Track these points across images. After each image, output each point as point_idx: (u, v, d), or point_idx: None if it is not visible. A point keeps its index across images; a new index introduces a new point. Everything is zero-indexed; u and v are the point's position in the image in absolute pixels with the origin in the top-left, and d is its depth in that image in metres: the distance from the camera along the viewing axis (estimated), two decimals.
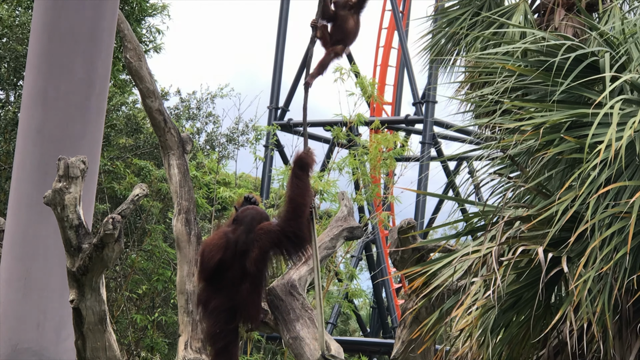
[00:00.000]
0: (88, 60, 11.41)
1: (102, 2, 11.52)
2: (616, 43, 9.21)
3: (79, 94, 11.40)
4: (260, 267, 10.32)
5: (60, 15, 11.43)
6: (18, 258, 11.19)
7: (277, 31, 34.42)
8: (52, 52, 11.40)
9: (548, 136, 8.67)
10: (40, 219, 10.69)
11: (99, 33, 11.51)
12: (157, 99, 13.54)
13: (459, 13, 15.30)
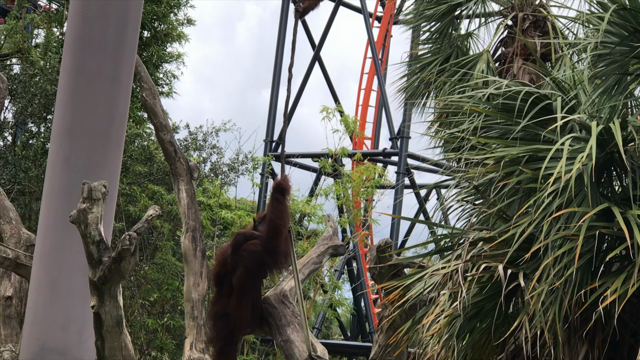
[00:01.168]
0: (109, 98, 11.39)
1: (122, 49, 11.52)
2: (567, 88, 9.21)
3: (101, 127, 11.38)
4: (244, 284, 10.50)
5: (85, 59, 11.43)
6: (46, 269, 11.16)
7: (272, 74, 34.41)
8: (78, 91, 11.38)
9: (508, 168, 8.66)
10: (66, 235, 10.65)
11: (119, 75, 11.50)
12: (169, 132, 13.53)
13: (430, 60, 15.31)
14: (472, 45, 15.45)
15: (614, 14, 8.86)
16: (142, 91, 13.73)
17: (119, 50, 11.52)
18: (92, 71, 11.39)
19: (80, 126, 11.34)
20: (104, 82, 11.40)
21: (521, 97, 8.85)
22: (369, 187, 27.68)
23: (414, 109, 15.89)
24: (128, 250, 9.31)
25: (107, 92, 11.44)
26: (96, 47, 11.45)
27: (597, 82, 9.16)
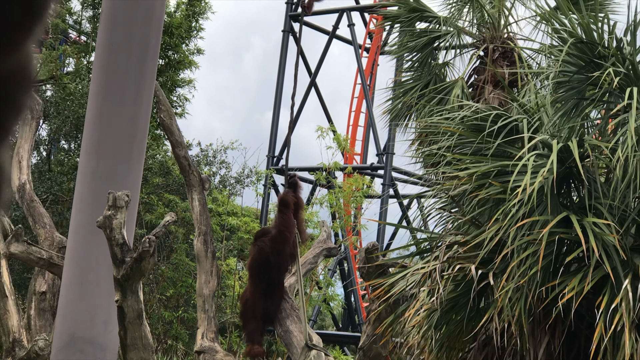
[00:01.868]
0: (131, 118, 11.40)
1: (142, 75, 11.53)
2: (532, 112, 9.23)
3: (124, 144, 11.38)
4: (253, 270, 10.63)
5: (111, 84, 11.45)
6: (76, 267, 11.15)
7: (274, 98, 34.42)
8: (104, 112, 11.40)
9: (479, 181, 8.67)
10: (93, 238, 10.65)
11: (140, 98, 11.52)
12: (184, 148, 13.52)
13: (411, 86, 15.32)
14: (449, 73, 15.47)
15: (572, 46, 8.88)
16: (160, 112, 13.72)
17: (140, 76, 11.54)
18: (117, 95, 11.40)
19: (106, 143, 11.35)
20: (127, 104, 11.42)
21: (491, 118, 8.87)
22: (358, 197, 27.71)
23: (397, 129, 15.91)
24: (148, 251, 9.32)
25: (129, 113, 11.45)
26: (120, 73, 11.46)
27: (558, 106, 9.18)
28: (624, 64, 8.70)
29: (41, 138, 26.80)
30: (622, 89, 8.64)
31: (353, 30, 34.78)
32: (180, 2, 28.35)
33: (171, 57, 27.66)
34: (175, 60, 27.66)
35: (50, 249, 14.07)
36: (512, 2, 15.51)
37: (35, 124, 15.62)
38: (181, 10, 28.25)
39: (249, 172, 29.69)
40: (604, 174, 8.83)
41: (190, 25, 28.17)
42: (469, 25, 15.65)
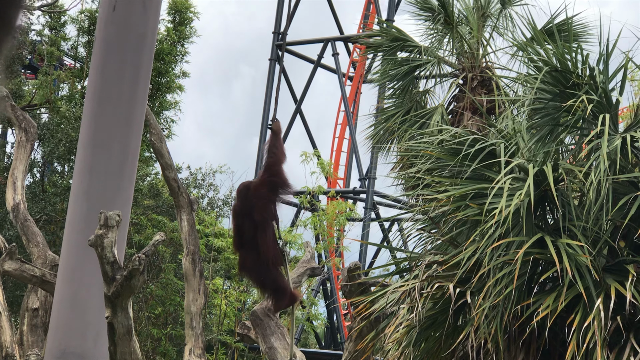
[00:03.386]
0: (123, 141, 11.39)
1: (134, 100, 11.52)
2: (508, 137, 9.26)
3: (115, 166, 11.36)
4: (264, 214, 10.10)
5: (103, 108, 11.43)
6: (68, 284, 11.11)
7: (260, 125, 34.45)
8: (97, 135, 11.38)
9: (457, 203, 8.69)
10: (85, 256, 10.61)
11: (131, 122, 11.51)
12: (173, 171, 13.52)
13: (393, 112, 15.36)
14: (429, 100, 15.52)
15: (547, 75, 8.92)
16: (151, 136, 13.73)
17: (132, 100, 11.53)
18: (109, 118, 11.39)
19: (98, 165, 11.32)
20: (119, 128, 11.40)
21: (469, 142, 8.90)
22: (341, 219, 27.73)
23: (379, 154, 15.92)
24: (138, 269, 9.29)
25: (121, 136, 11.43)
26: (113, 98, 11.46)
27: (533, 132, 9.21)
28: (596, 91, 8.74)
29: (35, 160, 26.75)
30: (595, 115, 8.68)
31: (337, 59, 34.89)
32: (168, 29, 28.39)
33: (161, 83, 27.69)
34: (164, 85, 27.69)
35: (43, 266, 14.02)
36: (490, 33, 15.59)
37: (30, 146, 15.59)
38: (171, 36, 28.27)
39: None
40: (578, 197, 8.86)
41: (176, 50, 28.22)
42: (448, 55, 15.72)
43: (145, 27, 11.66)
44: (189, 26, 28.60)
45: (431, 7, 15.62)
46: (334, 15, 37.61)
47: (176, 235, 24.89)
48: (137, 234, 25.84)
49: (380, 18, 31.54)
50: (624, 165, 8.51)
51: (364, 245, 29.55)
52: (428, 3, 15.66)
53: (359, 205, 33.44)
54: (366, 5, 37.26)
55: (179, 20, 28.49)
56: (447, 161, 9.07)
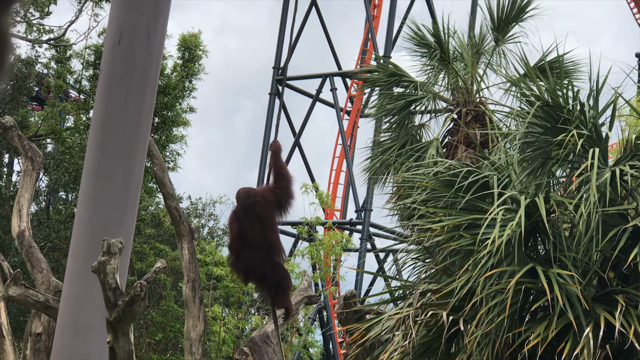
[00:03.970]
0: (127, 171, 11.40)
1: (138, 131, 11.55)
2: (501, 169, 9.28)
3: (119, 195, 11.37)
4: (268, 211, 9.35)
5: (108, 139, 11.46)
6: (70, 310, 11.09)
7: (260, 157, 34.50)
8: (101, 165, 11.39)
9: (451, 233, 8.70)
10: (88, 282, 10.61)
11: (135, 152, 11.53)
12: (175, 200, 13.53)
13: (389, 145, 15.37)
14: (425, 134, 15.54)
15: (539, 109, 8.96)
16: (154, 166, 13.76)
17: (136, 132, 11.56)
18: (113, 149, 11.41)
19: (102, 193, 11.33)
20: (123, 158, 11.42)
21: (463, 174, 8.92)
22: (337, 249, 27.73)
23: (375, 186, 15.93)
24: (139, 295, 9.27)
25: (124, 166, 11.45)
26: (117, 129, 11.48)
27: (525, 165, 9.23)
28: (587, 126, 8.77)
29: (41, 189, 26.78)
30: (585, 149, 8.71)
31: (335, 94, 34.97)
32: (176, 65, 28.49)
33: (167, 116, 27.76)
34: (169, 119, 27.76)
35: (46, 292, 14.01)
36: (484, 70, 15.64)
37: (35, 175, 15.60)
38: (177, 72, 28.38)
39: None
40: (568, 228, 8.87)
41: (184, 86, 28.32)
42: (444, 90, 15.76)
43: (149, 61, 11.71)
44: (197, 63, 28.70)
45: (427, 44, 15.68)
46: (333, 51, 37.74)
47: (177, 263, 24.87)
48: (139, 262, 25.81)
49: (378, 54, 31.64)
50: (613, 197, 8.53)
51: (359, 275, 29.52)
52: (424, 40, 15.72)
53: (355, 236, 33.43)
54: (364, 41, 37.40)
55: (188, 57, 28.58)
56: (442, 192, 9.09)
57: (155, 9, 11.63)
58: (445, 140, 15.38)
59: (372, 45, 35.10)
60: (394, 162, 14.89)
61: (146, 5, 11.59)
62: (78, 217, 11.61)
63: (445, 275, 9.03)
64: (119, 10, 11.67)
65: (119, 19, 11.63)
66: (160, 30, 11.75)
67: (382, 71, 15.78)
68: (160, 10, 11.70)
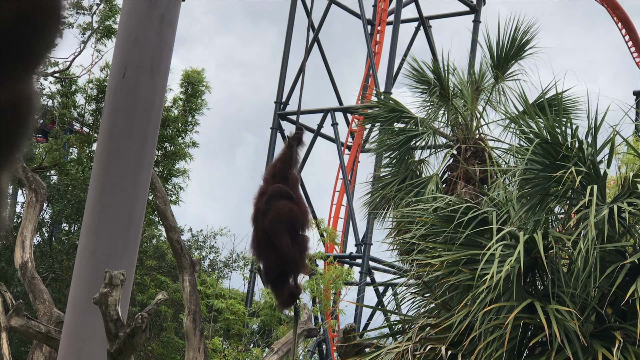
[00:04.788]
0: (128, 203, 11.41)
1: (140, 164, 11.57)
2: (500, 205, 9.29)
3: (121, 227, 11.37)
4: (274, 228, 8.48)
5: (111, 171, 11.47)
6: (72, 341, 11.07)
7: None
8: (104, 198, 11.40)
9: (450, 268, 8.70)
10: (90, 313, 10.58)
11: (137, 185, 11.54)
12: (177, 233, 13.52)
13: (389, 180, 15.38)
14: (424, 169, 15.55)
15: (538, 146, 8.97)
16: (156, 198, 13.76)
17: (138, 165, 11.57)
18: (116, 181, 11.42)
19: (105, 225, 11.33)
20: (125, 190, 11.43)
21: (462, 210, 8.92)
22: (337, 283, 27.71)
23: (375, 220, 15.91)
24: (140, 327, 9.26)
25: (127, 198, 11.45)
26: (120, 161, 11.50)
27: (524, 201, 9.24)
28: (585, 163, 8.78)
29: (44, 220, 26.78)
30: (583, 186, 8.71)
31: (336, 129, 35.03)
32: (177, 98, 28.60)
33: (167, 149, 27.82)
34: (171, 152, 27.80)
35: (48, 323, 13.98)
36: (483, 106, 15.68)
37: (39, 206, 15.62)
38: (177, 106, 28.48)
39: (237, 257, 29.68)
40: (567, 264, 8.86)
41: (186, 120, 28.40)
42: (443, 126, 15.79)
43: (153, 95, 11.74)
44: (200, 98, 28.81)
45: (427, 80, 15.73)
46: (334, 87, 37.84)
47: (178, 295, 24.81)
48: (140, 294, 25.76)
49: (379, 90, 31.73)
50: (611, 234, 8.53)
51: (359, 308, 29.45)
52: (424, 77, 15.77)
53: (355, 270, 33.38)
54: (365, 77, 37.51)
55: (191, 92, 28.70)
56: (441, 228, 9.09)
57: (159, 44, 11.67)
58: (445, 175, 15.38)
59: (373, 81, 35.20)
60: (394, 197, 14.88)
61: (150, 40, 11.64)
62: (81, 249, 11.60)
63: (444, 310, 9.01)
64: (124, 44, 11.72)
65: (123, 53, 11.67)
66: (164, 65, 11.79)
67: (383, 107, 15.82)
68: (165, 45, 11.74)
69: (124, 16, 11.98)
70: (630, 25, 42.10)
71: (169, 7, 11.73)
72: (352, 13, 36.88)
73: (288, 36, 35.79)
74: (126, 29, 11.79)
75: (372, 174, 16.98)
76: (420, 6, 35.47)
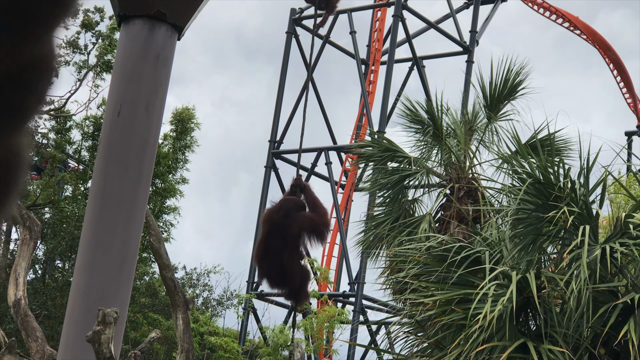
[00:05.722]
0: (122, 241, 11.38)
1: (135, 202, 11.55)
2: (493, 245, 9.29)
3: (115, 265, 11.34)
4: (297, 241, 9.25)
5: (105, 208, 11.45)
6: None
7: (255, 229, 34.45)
8: (98, 234, 11.37)
9: (443, 307, 8.68)
10: (82, 352, 10.52)
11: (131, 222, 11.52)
12: (170, 271, 13.49)
13: (383, 219, 15.37)
14: (418, 208, 15.56)
15: (530, 186, 8.99)
16: (150, 237, 13.74)
17: (133, 202, 11.56)
18: (110, 218, 11.39)
19: (98, 263, 11.30)
20: (120, 228, 11.41)
21: (455, 249, 8.92)
22: (331, 322, 27.63)
23: (369, 259, 15.89)
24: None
25: (121, 236, 11.43)
26: (114, 199, 11.48)
27: (517, 241, 9.24)
28: (577, 204, 8.80)
29: (38, 257, 26.71)
30: (576, 226, 8.72)
31: (330, 168, 35.05)
32: (167, 135, 28.69)
33: (158, 186, 27.86)
34: (162, 189, 27.82)
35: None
36: (476, 146, 15.72)
37: (33, 244, 15.56)
38: (168, 143, 28.56)
39: (230, 295, 29.63)
40: (559, 304, 8.85)
41: (177, 157, 28.47)
42: (437, 166, 15.82)
43: (147, 133, 11.74)
44: (189, 136, 28.91)
45: (421, 120, 15.78)
46: (328, 126, 37.91)
47: (171, 333, 24.72)
48: (133, 331, 25.65)
49: (372, 129, 31.81)
50: (603, 274, 8.53)
51: (352, 347, 29.35)
52: (418, 116, 15.82)
53: (348, 309, 33.30)
54: (359, 116, 37.61)
55: (181, 129, 28.80)
56: (434, 267, 9.08)
57: (154, 83, 11.68)
58: (438, 215, 15.39)
59: (367, 120, 35.29)
60: (387, 235, 14.87)
61: (146, 78, 11.66)
62: (74, 286, 11.56)
63: (437, 349, 8.98)
64: (119, 82, 11.73)
65: (118, 91, 11.68)
66: (159, 103, 11.79)
67: (377, 146, 15.85)
68: (160, 83, 11.75)
69: (120, 54, 12.00)
70: (621, 67, 42.33)
71: (164, 45, 11.73)
72: (347, 53, 37.04)
73: (282, 75, 35.91)
74: (121, 67, 11.81)
75: (366, 213, 16.99)
76: (414, 46, 35.61)
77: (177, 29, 7.66)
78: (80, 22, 29.67)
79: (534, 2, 41.65)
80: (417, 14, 34.90)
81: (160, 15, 8.18)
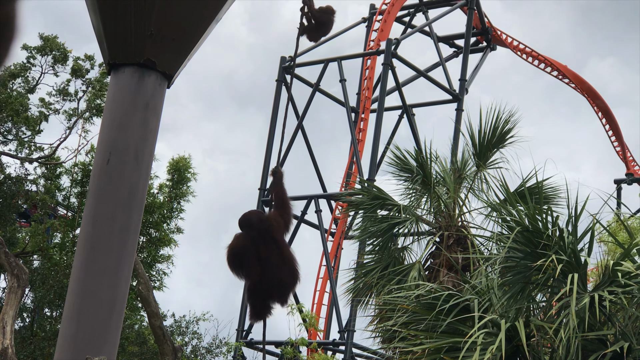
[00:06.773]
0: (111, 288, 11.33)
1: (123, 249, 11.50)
2: (482, 293, 9.29)
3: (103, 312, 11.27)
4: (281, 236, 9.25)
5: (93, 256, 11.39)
6: None
7: None
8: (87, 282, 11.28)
9: (432, 356, 8.66)
10: None
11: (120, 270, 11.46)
12: (159, 319, 13.44)
13: (372, 267, 15.36)
14: (407, 256, 15.55)
15: (519, 234, 9.01)
16: (139, 284, 13.70)
17: (121, 251, 11.51)
18: (99, 266, 11.33)
19: (87, 311, 11.23)
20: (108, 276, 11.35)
21: (444, 297, 8.92)
22: None
23: (358, 307, 15.86)
24: None
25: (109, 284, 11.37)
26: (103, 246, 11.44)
27: (506, 289, 9.25)
28: (566, 252, 8.81)
29: (26, 305, 26.57)
30: (564, 274, 8.73)
31: (320, 215, 35.04)
32: (163, 185, 28.68)
33: (152, 235, 27.80)
34: (156, 238, 27.78)
35: None
36: (465, 194, 15.75)
37: (21, 292, 15.50)
38: (164, 193, 28.55)
39: (220, 342, 29.49)
40: (549, 352, 8.84)
41: (172, 207, 28.46)
42: (426, 214, 15.84)
43: (137, 181, 11.73)
44: (186, 185, 28.94)
45: (410, 168, 15.82)
46: (318, 174, 37.97)
47: None
48: None
49: (362, 177, 31.87)
50: (592, 323, 8.53)
51: None
52: (407, 165, 15.87)
53: (338, 357, 33.15)
54: (349, 164, 37.68)
55: (178, 178, 28.82)
56: (423, 315, 9.07)
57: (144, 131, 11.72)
58: (428, 263, 15.39)
59: (356, 168, 35.35)
60: (377, 284, 14.86)
61: (135, 126, 11.69)
62: (62, 334, 11.51)
63: None
64: (108, 130, 11.74)
65: (107, 139, 11.69)
66: (149, 151, 11.79)
67: (366, 194, 15.87)
68: (149, 131, 11.76)
69: (109, 102, 11.99)
70: (610, 115, 42.59)
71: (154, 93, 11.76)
72: (337, 101, 37.20)
73: (272, 123, 36.02)
74: (111, 115, 11.81)
75: (355, 261, 16.97)
76: (404, 94, 35.78)
77: (166, 77, 7.66)
78: (70, 69, 29.78)
79: (522, 51, 41.96)
80: (407, 62, 35.10)
81: (150, 63, 8.18)
